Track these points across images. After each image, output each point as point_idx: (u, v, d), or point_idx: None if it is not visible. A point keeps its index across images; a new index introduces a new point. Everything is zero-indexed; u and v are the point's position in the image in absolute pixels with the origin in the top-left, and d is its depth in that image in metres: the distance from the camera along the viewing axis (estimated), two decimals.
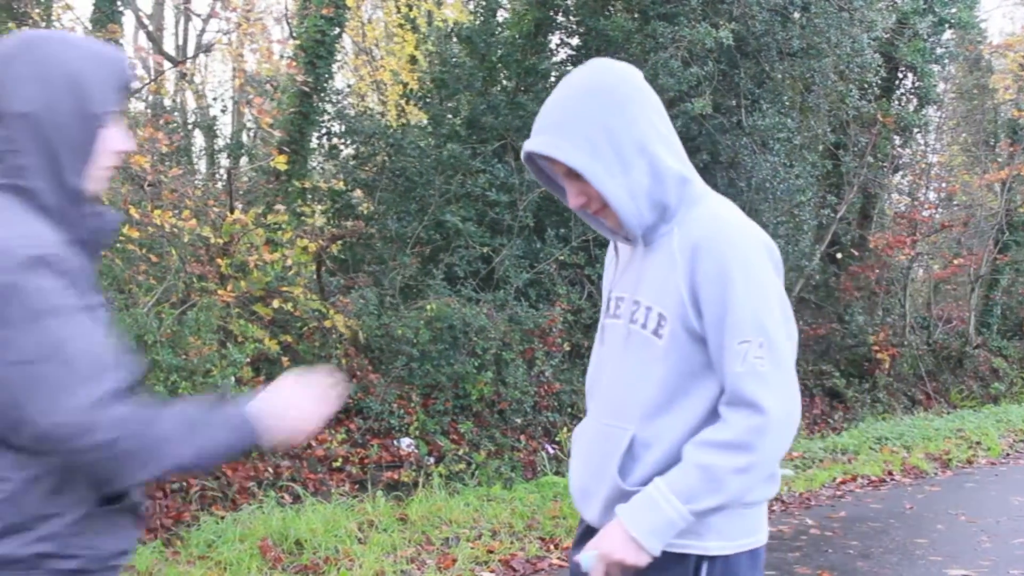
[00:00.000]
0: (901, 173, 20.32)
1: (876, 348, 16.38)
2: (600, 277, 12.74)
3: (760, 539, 2.65)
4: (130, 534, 2.31)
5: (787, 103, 14.48)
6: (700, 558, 2.56)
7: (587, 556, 2.56)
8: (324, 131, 13.57)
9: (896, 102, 18.01)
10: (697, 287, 2.49)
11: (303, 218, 11.22)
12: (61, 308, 2.09)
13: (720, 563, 2.57)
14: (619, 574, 2.54)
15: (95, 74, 2.24)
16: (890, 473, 11.19)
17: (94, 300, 2.27)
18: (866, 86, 15.50)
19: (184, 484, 8.62)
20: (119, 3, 12.28)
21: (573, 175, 2.63)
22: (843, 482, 10.64)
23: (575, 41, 14.90)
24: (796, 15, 13.89)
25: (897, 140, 18.45)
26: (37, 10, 11.23)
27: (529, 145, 2.62)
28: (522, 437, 11.05)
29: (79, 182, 2.23)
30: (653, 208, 2.59)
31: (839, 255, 17.53)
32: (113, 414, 2.07)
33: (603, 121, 2.56)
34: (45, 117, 2.18)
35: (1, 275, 2.03)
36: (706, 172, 13.26)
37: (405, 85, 14.80)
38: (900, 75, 18.14)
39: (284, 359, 9.09)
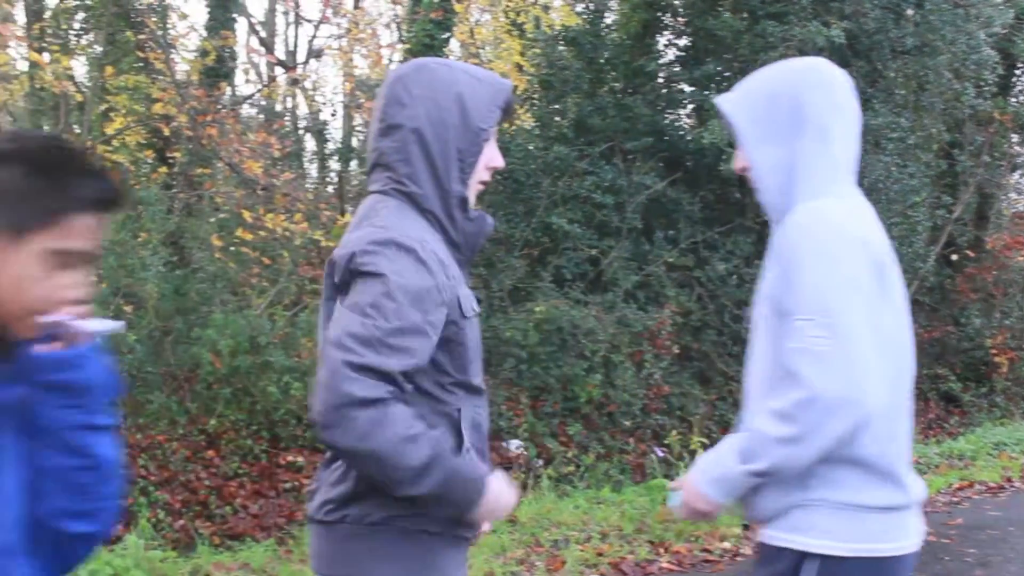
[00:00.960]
0: (1020, 172, 19.75)
1: (994, 351, 15.95)
2: (709, 279, 12.66)
3: (881, 549, 2.56)
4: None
5: (900, 102, 14.18)
6: (802, 554, 2.54)
7: (673, 495, 2.75)
8: None
9: (1014, 99, 17.52)
10: (778, 267, 2.58)
11: None
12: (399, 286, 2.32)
13: (827, 563, 2.53)
14: (698, 517, 2.72)
15: (478, 94, 2.52)
16: (1009, 479, 10.89)
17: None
18: (982, 83, 15.11)
19: (297, 484, 8.75)
20: (231, 10, 12.50)
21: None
22: (960, 488, 10.38)
23: (683, 42, 14.81)
24: (910, 12, 13.61)
25: (1015, 138, 17.94)
26: (153, 18, 11.49)
27: (719, 97, 2.81)
28: (631, 440, 11.02)
29: (461, 189, 2.51)
30: (784, 192, 2.66)
31: (954, 257, 17.10)
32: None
33: (775, 96, 2.68)
34: (432, 131, 2.47)
35: (374, 242, 2.36)
36: None
37: (515, 88, 14.85)
38: (1018, 72, 17.63)
39: None
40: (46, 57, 10.88)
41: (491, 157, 2.57)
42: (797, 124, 2.64)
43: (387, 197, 2.50)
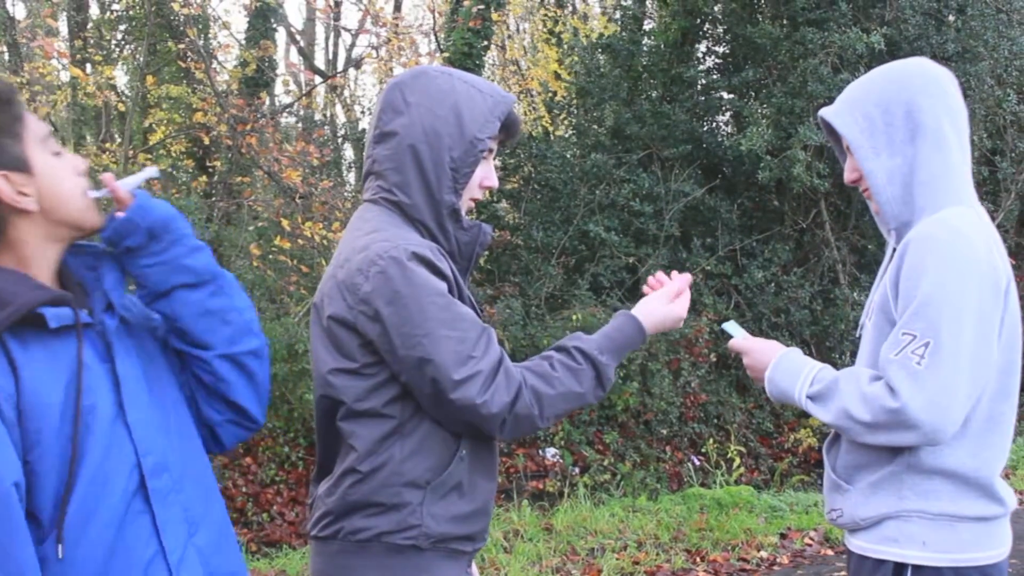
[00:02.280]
0: None
1: None
2: (747, 287, 12.61)
3: (976, 558, 2.54)
4: None
5: None
6: (899, 565, 2.54)
7: (734, 328, 2.94)
8: None
9: None
10: (899, 279, 2.53)
11: None
12: (437, 290, 2.32)
13: (923, 574, 2.53)
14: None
15: (476, 104, 2.48)
16: None
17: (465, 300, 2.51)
18: None
19: None
20: (272, 20, 12.60)
21: (850, 149, 2.71)
22: None
23: (722, 49, 14.77)
24: (951, 18, 13.51)
25: None
26: (195, 29, 11.59)
27: (823, 111, 2.76)
28: (668, 448, 10.98)
29: (453, 199, 2.46)
30: (905, 202, 2.62)
31: None
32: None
33: (886, 103, 2.63)
34: (425, 140, 2.44)
35: (389, 257, 2.30)
36: None
37: (553, 95, 14.84)
38: None
39: None
40: (88, 68, 10.99)
41: (486, 175, 2.54)
42: (913, 132, 2.60)
43: (373, 207, 2.50)
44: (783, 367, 2.69)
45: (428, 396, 2.30)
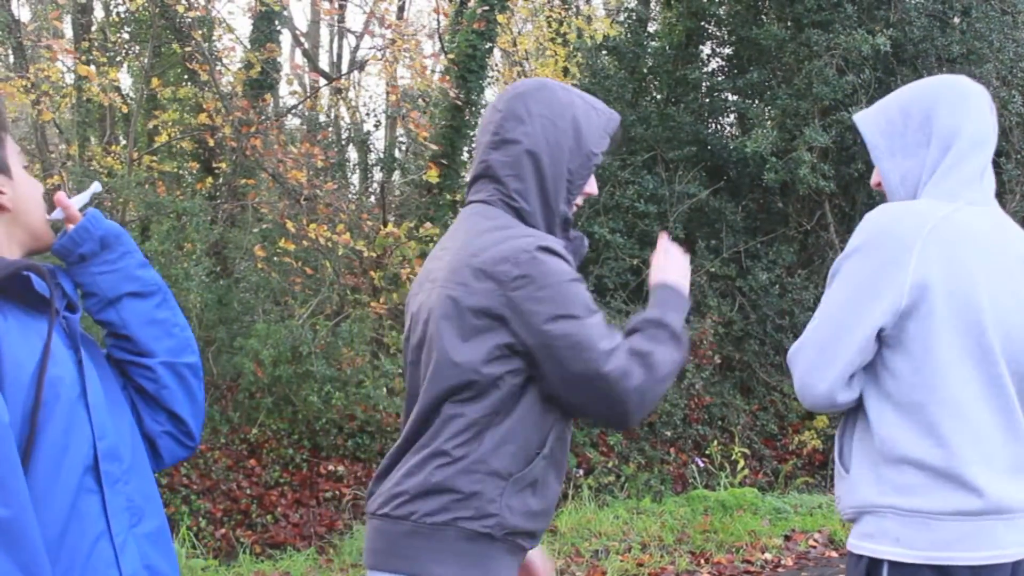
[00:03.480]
0: None
1: None
2: (752, 289, 12.60)
3: (964, 557, 2.50)
4: None
5: None
6: (874, 561, 2.55)
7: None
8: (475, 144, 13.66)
9: None
10: None
11: None
12: (578, 277, 2.44)
13: (899, 570, 2.51)
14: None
15: (592, 120, 2.59)
16: None
17: None
18: None
19: (337, 493, 8.79)
20: (277, 23, 12.59)
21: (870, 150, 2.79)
22: None
23: (727, 51, 14.77)
24: (956, 20, 13.51)
25: None
26: (201, 31, 11.60)
27: (855, 115, 2.86)
28: (672, 450, 10.98)
29: (566, 209, 2.57)
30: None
31: None
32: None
33: (908, 108, 2.70)
34: (547, 150, 2.53)
35: (537, 247, 2.38)
36: (862, 182, 13.00)
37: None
38: None
39: None
40: (93, 69, 11.00)
41: (590, 184, 2.63)
42: (928, 137, 2.65)
43: (491, 208, 2.56)
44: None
45: (575, 375, 2.37)
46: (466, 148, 13.44)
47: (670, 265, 2.70)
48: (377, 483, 2.56)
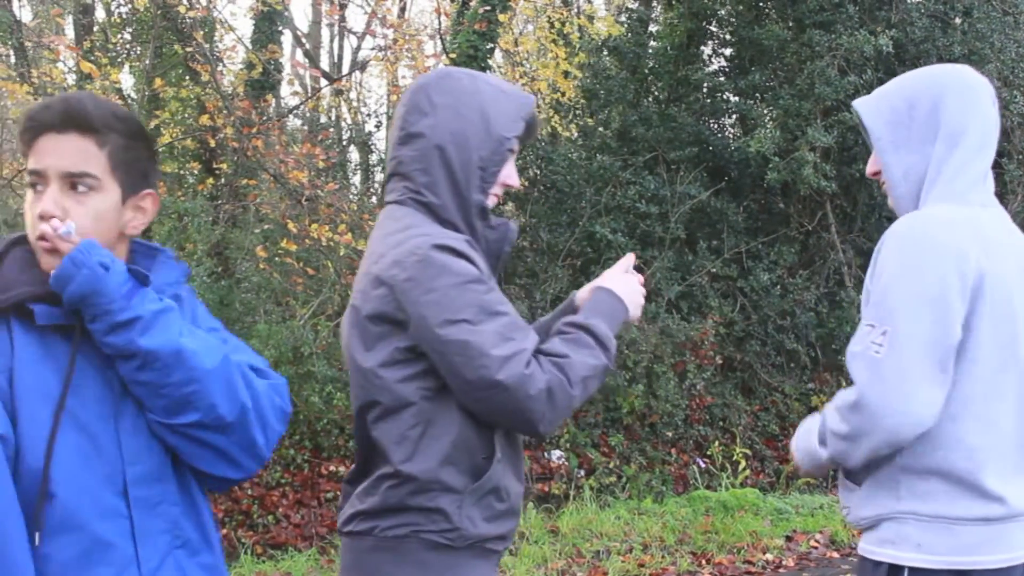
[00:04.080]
0: None
1: None
2: (753, 290, 12.59)
3: (981, 561, 2.50)
4: None
5: None
6: (894, 567, 2.53)
7: None
8: None
9: None
10: (871, 277, 2.59)
11: None
12: (476, 278, 2.35)
13: (919, 575, 2.51)
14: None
15: (502, 105, 2.52)
16: None
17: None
18: None
19: (338, 493, 8.78)
20: (278, 24, 12.59)
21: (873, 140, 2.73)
22: None
23: (728, 51, 14.76)
24: (957, 20, 13.50)
25: None
26: (201, 32, 11.60)
27: (856, 101, 2.79)
28: (673, 451, 10.98)
29: (481, 198, 2.49)
30: (914, 199, 2.63)
31: None
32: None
33: (914, 99, 2.65)
34: (452, 140, 2.46)
35: (429, 246, 2.32)
36: (863, 182, 12.99)
37: (562, 94, 14.84)
38: None
39: None
40: (95, 67, 11.00)
41: (509, 173, 2.57)
42: (935, 130, 2.61)
43: (400, 207, 2.50)
44: (798, 441, 2.78)
45: (469, 383, 2.29)
46: None
47: (620, 280, 2.62)
48: (344, 500, 2.54)
